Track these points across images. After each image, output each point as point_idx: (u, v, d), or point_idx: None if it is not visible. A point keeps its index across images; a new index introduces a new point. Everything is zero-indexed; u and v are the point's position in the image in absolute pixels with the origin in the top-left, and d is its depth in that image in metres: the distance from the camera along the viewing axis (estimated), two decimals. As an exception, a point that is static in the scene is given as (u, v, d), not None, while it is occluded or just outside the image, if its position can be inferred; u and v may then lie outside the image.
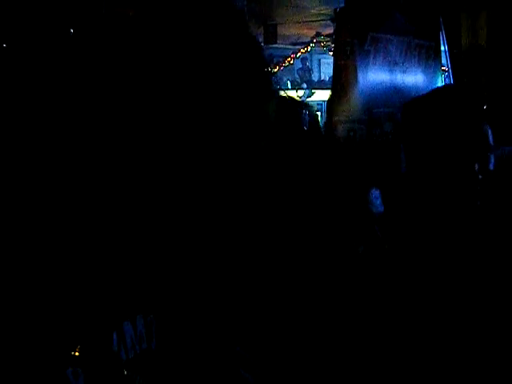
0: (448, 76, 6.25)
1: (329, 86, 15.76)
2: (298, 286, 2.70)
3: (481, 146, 2.46)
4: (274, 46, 14.66)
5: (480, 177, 2.44)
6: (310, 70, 17.94)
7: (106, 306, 1.05)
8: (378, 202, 3.79)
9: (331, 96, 4.79)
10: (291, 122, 3.30)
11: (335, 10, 11.21)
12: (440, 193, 2.44)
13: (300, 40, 15.68)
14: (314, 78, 17.87)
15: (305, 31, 14.80)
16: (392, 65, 5.12)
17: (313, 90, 16.51)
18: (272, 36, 14.13)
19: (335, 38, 4.99)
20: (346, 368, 2.48)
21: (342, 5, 5.35)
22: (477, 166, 2.43)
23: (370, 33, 4.85)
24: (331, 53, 14.93)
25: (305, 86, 16.80)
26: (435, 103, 2.53)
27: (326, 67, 18.08)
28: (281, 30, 14.04)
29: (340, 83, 4.76)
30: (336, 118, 4.66)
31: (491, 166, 2.51)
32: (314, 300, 2.70)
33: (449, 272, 2.38)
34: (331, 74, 15.31)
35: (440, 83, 5.79)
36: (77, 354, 0.97)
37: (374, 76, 4.93)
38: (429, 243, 2.44)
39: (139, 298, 1.09)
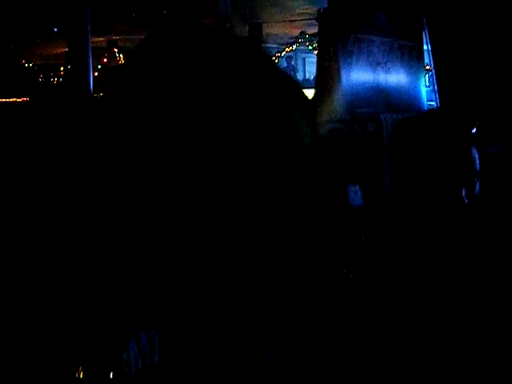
0: (431, 75, 6.29)
1: (313, 85, 15.84)
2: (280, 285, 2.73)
3: (468, 172, 2.46)
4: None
5: (466, 201, 2.44)
6: (294, 69, 17.96)
7: (116, 326, 1.05)
8: (358, 195, 3.83)
9: (314, 96, 4.82)
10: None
11: (318, 10, 11.26)
12: (424, 215, 2.45)
13: (285, 39, 15.70)
14: (298, 77, 17.89)
15: (290, 30, 14.83)
16: (375, 65, 5.16)
17: (298, 89, 16.53)
18: (257, 35, 14.14)
19: (318, 38, 5.03)
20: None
21: (326, 4, 5.37)
22: (464, 192, 2.44)
23: (353, 33, 4.88)
24: (316, 52, 14.98)
25: (290, 84, 16.80)
26: (425, 126, 2.54)
27: (310, 66, 18.11)
28: (266, 29, 14.06)
29: (323, 83, 4.79)
30: (319, 118, 4.69)
31: (477, 191, 2.51)
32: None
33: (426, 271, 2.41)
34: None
35: (423, 83, 5.84)
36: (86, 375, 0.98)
37: (357, 76, 4.97)
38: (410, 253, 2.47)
39: (143, 314, 1.08)
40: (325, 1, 9.66)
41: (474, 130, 2.54)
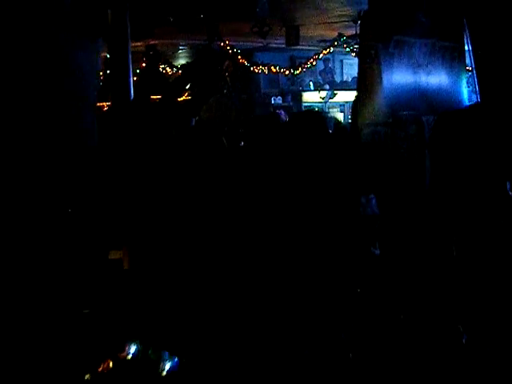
0: (472, 76, 6.22)
1: (351, 86, 15.82)
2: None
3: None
4: (296, 47, 14.67)
5: (511, 194, 2.41)
6: (332, 71, 17.93)
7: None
8: (372, 204, 3.83)
9: (356, 99, 4.80)
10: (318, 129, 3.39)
11: (359, 13, 11.22)
12: (468, 209, 2.42)
13: (322, 41, 15.66)
14: (336, 79, 17.85)
15: (327, 32, 14.78)
16: (416, 67, 5.13)
17: (335, 91, 16.51)
18: (294, 37, 14.12)
19: (359, 41, 5.01)
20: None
21: (365, 6, 5.35)
22: (508, 185, 2.41)
23: (394, 35, 4.86)
24: (353, 54, 14.93)
25: (327, 87, 16.79)
26: (469, 121, 2.51)
27: (348, 68, 18.07)
28: (303, 32, 14.03)
29: (365, 86, 4.77)
30: (361, 121, 4.68)
31: None
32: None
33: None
34: (354, 74, 15.35)
35: (465, 85, 5.78)
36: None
37: (399, 79, 4.94)
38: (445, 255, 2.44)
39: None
40: (362, 2, 9.61)
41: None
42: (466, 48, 5.94)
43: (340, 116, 15.93)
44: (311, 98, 16.76)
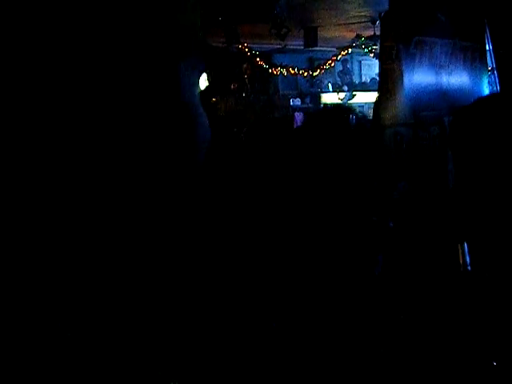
0: (493, 75, 6.19)
1: (370, 87, 15.78)
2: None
3: None
4: (314, 48, 14.67)
5: None
6: (350, 73, 17.90)
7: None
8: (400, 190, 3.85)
9: (377, 100, 4.79)
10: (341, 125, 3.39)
11: (379, 14, 11.19)
12: (493, 207, 2.37)
13: (340, 43, 15.65)
14: (354, 80, 17.82)
15: (345, 33, 14.77)
16: (437, 67, 5.11)
17: (354, 92, 16.48)
18: (313, 39, 14.13)
19: (380, 41, 4.98)
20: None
21: (383, 7, 5.33)
22: None
23: (415, 36, 4.84)
24: (372, 54, 14.91)
25: (346, 88, 16.77)
26: (487, 113, 2.46)
27: (366, 69, 18.04)
28: (321, 33, 14.02)
29: (386, 87, 4.75)
30: (382, 122, 4.66)
31: None
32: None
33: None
34: (372, 75, 15.34)
35: (486, 84, 5.75)
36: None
37: (420, 79, 4.92)
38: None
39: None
40: (380, 3, 9.59)
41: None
42: (487, 48, 5.92)
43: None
44: (330, 99, 16.74)
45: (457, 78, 5.35)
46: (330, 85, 17.24)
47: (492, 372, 2.25)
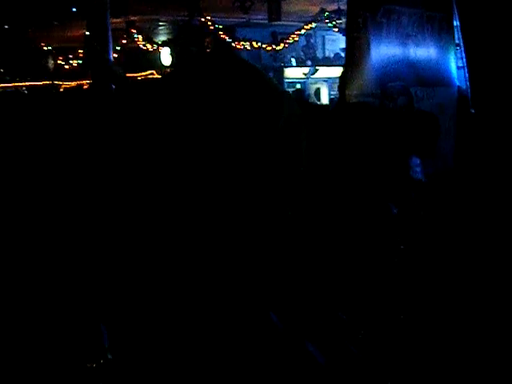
0: (460, 52, 6.12)
1: (333, 62, 15.69)
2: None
3: None
4: (278, 23, 14.54)
5: None
6: (314, 47, 17.79)
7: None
8: (419, 169, 3.75)
9: (344, 70, 4.70)
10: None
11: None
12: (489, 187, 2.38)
13: (304, 17, 15.53)
14: (318, 55, 17.72)
15: (309, 7, 14.66)
16: (405, 37, 5.03)
17: (317, 67, 16.39)
18: (276, 12, 14.00)
19: (348, 10, 4.89)
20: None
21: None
22: None
23: (383, 4, 4.76)
24: (336, 29, 14.82)
25: (309, 63, 16.67)
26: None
27: (330, 44, 17.94)
28: (285, 7, 13.90)
29: (353, 56, 4.67)
30: (349, 93, 4.57)
31: None
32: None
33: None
34: (336, 50, 15.22)
35: (453, 56, 5.68)
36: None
37: (387, 49, 4.84)
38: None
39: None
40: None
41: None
42: (454, 24, 5.83)
43: (324, 91, 15.86)
44: (293, 74, 16.62)
45: (424, 49, 5.28)
46: (293, 59, 17.12)
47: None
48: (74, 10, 11.96)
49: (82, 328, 1.08)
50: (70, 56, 16.62)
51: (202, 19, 13.89)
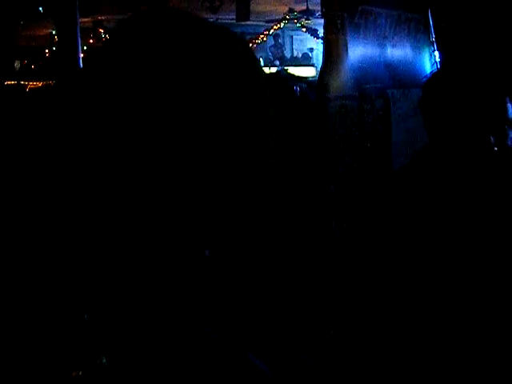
0: (434, 48, 6.11)
1: (301, 62, 15.67)
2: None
3: (497, 119, 2.44)
4: (246, 23, 14.50)
5: (495, 149, 2.41)
6: (282, 47, 17.79)
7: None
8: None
9: (322, 72, 4.64)
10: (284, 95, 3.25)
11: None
12: (457, 164, 2.43)
13: (272, 17, 15.52)
14: (286, 55, 17.73)
15: (277, 7, 14.65)
16: (382, 39, 4.99)
17: (285, 67, 16.37)
18: (245, 13, 13.96)
19: (324, 11, 4.83)
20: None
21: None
22: (492, 139, 2.41)
23: (360, 5, 4.71)
24: (304, 29, 14.83)
25: (277, 63, 16.66)
26: (454, 77, 2.49)
27: (298, 44, 17.96)
28: (253, 7, 13.87)
29: (330, 58, 4.61)
30: (327, 95, 4.51)
31: (509, 142, 2.47)
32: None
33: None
34: (304, 50, 15.23)
35: (428, 57, 5.67)
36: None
37: (365, 50, 4.79)
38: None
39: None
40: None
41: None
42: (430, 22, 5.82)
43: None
44: (262, 74, 16.60)
45: (401, 50, 5.25)
46: (261, 59, 17.10)
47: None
48: (41, 9, 11.79)
49: (74, 330, 1.02)
50: (38, 56, 16.44)
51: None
